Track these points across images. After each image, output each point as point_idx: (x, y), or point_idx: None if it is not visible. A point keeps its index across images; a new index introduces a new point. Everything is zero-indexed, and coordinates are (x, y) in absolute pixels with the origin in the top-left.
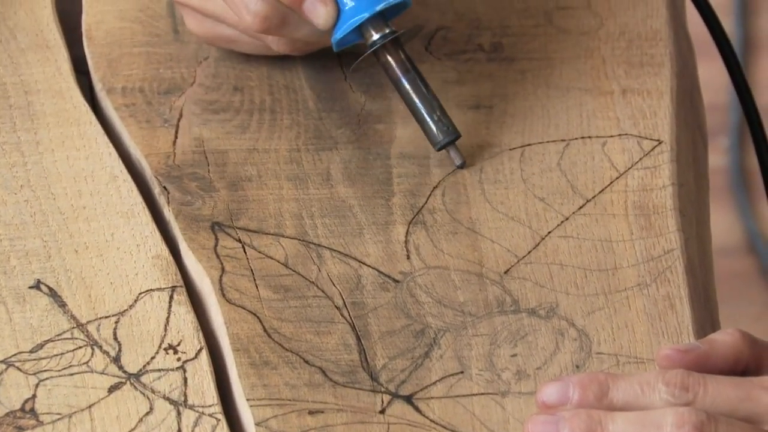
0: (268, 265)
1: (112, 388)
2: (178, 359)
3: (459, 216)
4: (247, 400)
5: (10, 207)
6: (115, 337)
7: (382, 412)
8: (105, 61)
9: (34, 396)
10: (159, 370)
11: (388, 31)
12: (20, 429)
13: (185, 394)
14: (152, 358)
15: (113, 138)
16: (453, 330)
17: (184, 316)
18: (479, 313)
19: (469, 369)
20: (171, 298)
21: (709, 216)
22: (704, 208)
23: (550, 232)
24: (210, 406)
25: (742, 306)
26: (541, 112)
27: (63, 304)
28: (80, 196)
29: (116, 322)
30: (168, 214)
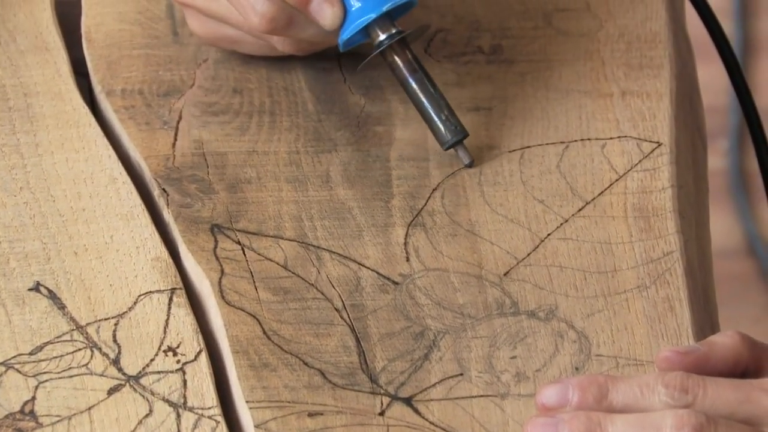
0: (268, 267)
1: (112, 390)
2: (178, 361)
3: (458, 218)
4: (247, 402)
5: (9, 209)
6: (115, 339)
7: (382, 414)
8: (104, 63)
9: (34, 398)
10: (158, 372)
11: (394, 31)
12: (20, 431)
13: (185, 396)
14: (152, 360)
15: (112, 140)
16: (452, 332)
17: (183, 318)
18: (479, 315)
19: (469, 371)
20: (170, 300)
21: (709, 218)
22: (704, 210)
23: (549, 234)
24: (209, 408)
25: (742, 308)
26: (541, 114)
27: (62, 306)
28: (80, 198)
29: (116, 324)
30: (167, 216)
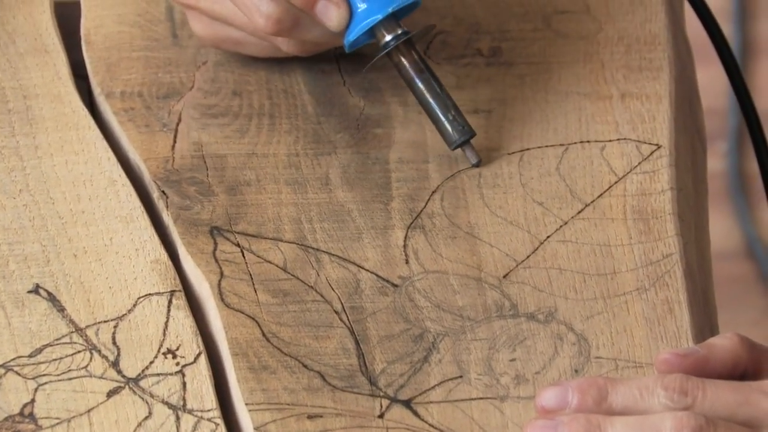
0: (267, 270)
1: (111, 393)
2: (177, 364)
3: (458, 220)
4: (246, 404)
5: (8, 211)
6: (114, 342)
7: (381, 416)
8: (104, 65)
9: (33, 400)
10: (158, 375)
11: (400, 31)
12: None
13: (184, 399)
14: (151, 363)
15: (112, 142)
16: (452, 334)
17: (182, 320)
18: (478, 318)
19: (468, 373)
20: (170, 302)
21: (708, 220)
22: (703, 213)
23: (548, 237)
24: (209, 411)
25: (741, 311)
26: (540, 117)
27: (62, 309)
28: (79, 200)
29: (115, 327)
30: (167, 218)
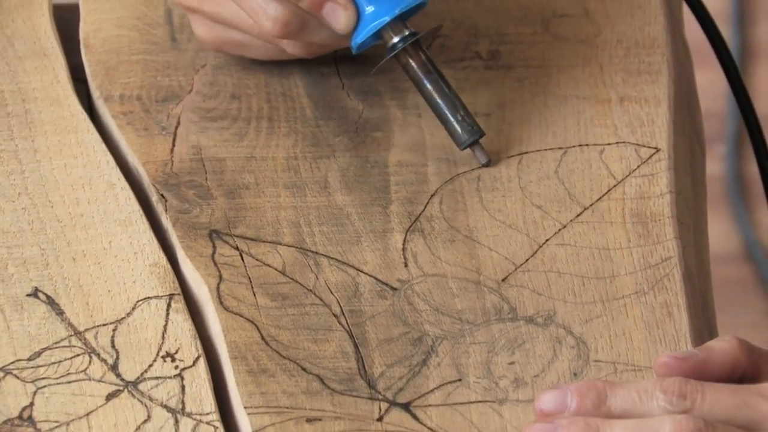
0: (266, 273)
1: (110, 396)
2: (176, 367)
3: (457, 224)
4: (245, 407)
5: (7, 215)
6: (113, 345)
7: (380, 419)
8: (102, 68)
9: (32, 404)
10: (157, 378)
11: (407, 33)
12: None
13: (183, 402)
14: (150, 366)
15: (111, 146)
16: (451, 338)
17: (181, 323)
18: (477, 321)
19: (467, 377)
20: (169, 305)
21: (707, 224)
22: (702, 216)
23: (547, 240)
24: (208, 414)
25: (740, 314)
26: (539, 120)
27: (61, 312)
28: (78, 203)
29: (114, 330)
30: (166, 221)
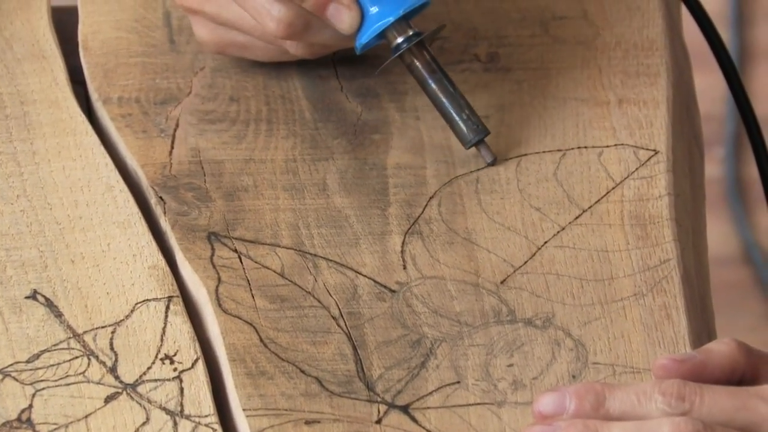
0: (265, 275)
1: (109, 398)
2: (175, 369)
3: (455, 226)
4: (244, 410)
5: (6, 217)
6: (112, 347)
7: (379, 422)
8: (101, 71)
9: (31, 406)
10: (155, 380)
11: (411, 33)
12: None
13: (182, 405)
14: (148, 368)
15: (109, 148)
16: (449, 340)
17: (180, 326)
18: (475, 323)
19: (466, 379)
20: (167, 308)
21: (706, 226)
22: (700, 218)
23: (546, 242)
24: (206, 417)
25: (738, 316)
26: (537, 122)
27: (59, 314)
28: (76, 206)
29: (113, 332)
30: (164, 224)
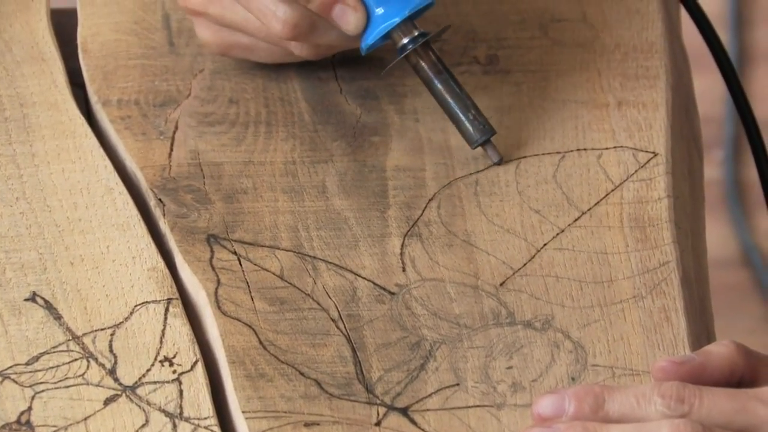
0: (264, 278)
1: (108, 401)
2: (174, 371)
3: (454, 228)
4: (243, 412)
5: (5, 219)
6: (111, 350)
7: (378, 424)
8: (100, 73)
9: (30, 408)
10: (155, 383)
11: (417, 33)
12: None
13: (181, 407)
14: (148, 371)
15: (109, 150)
16: (449, 342)
17: (179, 328)
18: (475, 326)
19: (465, 381)
20: (167, 310)
21: (705, 228)
22: (700, 221)
23: (545, 245)
24: (206, 419)
25: (737, 319)
26: (537, 125)
27: (58, 317)
28: (76, 208)
29: (112, 335)
30: (163, 226)
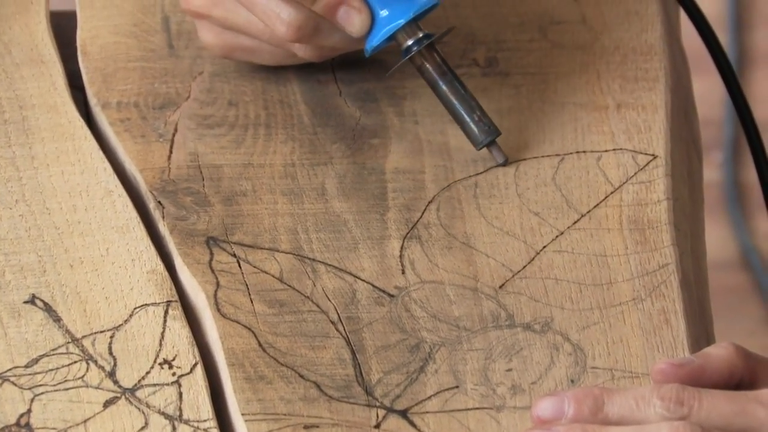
0: (263, 280)
1: (108, 403)
2: (173, 374)
3: (454, 231)
4: (242, 414)
5: (5, 222)
6: (110, 352)
7: (377, 426)
8: (100, 75)
9: (30, 411)
10: (154, 385)
11: (421, 35)
12: None
13: (180, 409)
14: (147, 373)
15: (108, 153)
16: (448, 344)
17: (179, 330)
18: (474, 328)
19: (464, 383)
20: (166, 312)
21: (704, 230)
22: (699, 223)
23: (544, 247)
24: (205, 421)
25: (737, 321)
26: (536, 127)
27: (58, 319)
28: (75, 211)
29: (111, 337)
30: (163, 228)
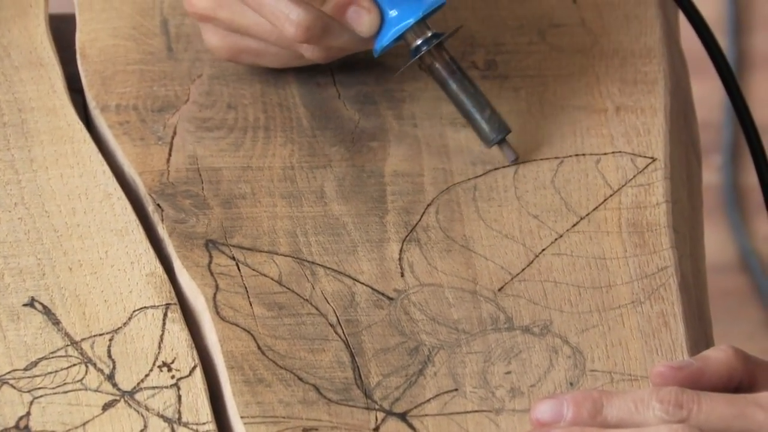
0: (262, 283)
1: (107, 406)
2: (172, 377)
3: (453, 233)
4: (241, 417)
5: (4, 224)
6: (110, 355)
7: (377, 429)
8: (99, 78)
9: (29, 413)
10: (153, 388)
11: (430, 34)
12: None
13: (179, 412)
14: (146, 376)
15: (107, 156)
16: (447, 347)
17: (178, 333)
18: (473, 331)
19: (463, 386)
20: (165, 315)
21: (703, 233)
22: (698, 226)
23: (543, 250)
24: (204, 424)
25: (736, 324)
26: (535, 130)
27: (57, 322)
28: (74, 213)
29: (110, 340)
30: (162, 231)
